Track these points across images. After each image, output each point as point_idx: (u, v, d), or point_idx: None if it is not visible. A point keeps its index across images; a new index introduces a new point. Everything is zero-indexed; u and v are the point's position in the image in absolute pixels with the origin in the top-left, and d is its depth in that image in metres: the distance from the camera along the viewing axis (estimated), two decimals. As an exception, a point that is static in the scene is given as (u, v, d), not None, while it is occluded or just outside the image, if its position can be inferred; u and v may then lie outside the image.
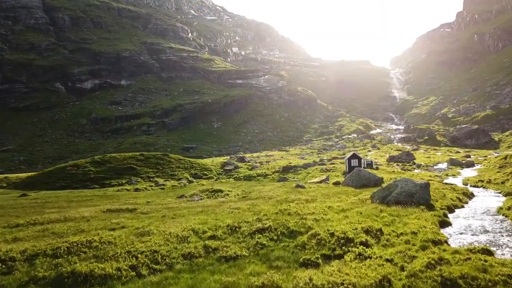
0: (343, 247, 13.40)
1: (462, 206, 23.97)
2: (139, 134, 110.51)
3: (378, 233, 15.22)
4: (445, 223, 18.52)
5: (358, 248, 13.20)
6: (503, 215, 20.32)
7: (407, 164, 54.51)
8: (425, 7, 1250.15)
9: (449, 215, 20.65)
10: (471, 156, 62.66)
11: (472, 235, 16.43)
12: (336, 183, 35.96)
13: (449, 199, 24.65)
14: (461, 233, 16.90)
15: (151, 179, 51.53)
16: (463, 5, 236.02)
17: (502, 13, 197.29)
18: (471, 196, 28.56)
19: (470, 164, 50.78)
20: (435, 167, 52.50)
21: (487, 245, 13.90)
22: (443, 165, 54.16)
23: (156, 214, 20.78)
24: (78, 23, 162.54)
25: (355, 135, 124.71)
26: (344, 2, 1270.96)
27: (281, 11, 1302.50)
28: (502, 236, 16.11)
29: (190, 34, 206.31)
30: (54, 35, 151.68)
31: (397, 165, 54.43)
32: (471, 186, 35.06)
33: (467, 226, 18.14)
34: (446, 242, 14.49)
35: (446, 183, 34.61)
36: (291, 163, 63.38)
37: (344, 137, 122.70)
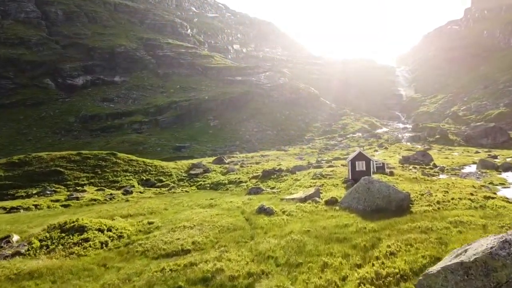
0: None
1: None
2: (130, 133, 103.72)
3: None
4: None
5: None
6: None
7: (427, 167, 44.37)
8: (430, 5, 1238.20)
9: None
10: (498, 157, 53.61)
11: None
12: (331, 202, 24.03)
13: None
14: None
15: (78, 187, 41.09)
16: (472, 2, 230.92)
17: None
18: None
19: (508, 167, 40.59)
20: (463, 170, 42.29)
21: None
22: (472, 168, 44.09)
23: None
24: (71, 18, 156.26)
25: (360, 134, 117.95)
26: (348, 0, 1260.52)
27: (284, 9, 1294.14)
28: None
29: (189, 31, 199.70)
30: (46, 29, 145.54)
31: (414, 167, 44.00)
32: None
33: None
34: None
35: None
36: (280, 164, 53.08)
37: (348, 136, 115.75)
